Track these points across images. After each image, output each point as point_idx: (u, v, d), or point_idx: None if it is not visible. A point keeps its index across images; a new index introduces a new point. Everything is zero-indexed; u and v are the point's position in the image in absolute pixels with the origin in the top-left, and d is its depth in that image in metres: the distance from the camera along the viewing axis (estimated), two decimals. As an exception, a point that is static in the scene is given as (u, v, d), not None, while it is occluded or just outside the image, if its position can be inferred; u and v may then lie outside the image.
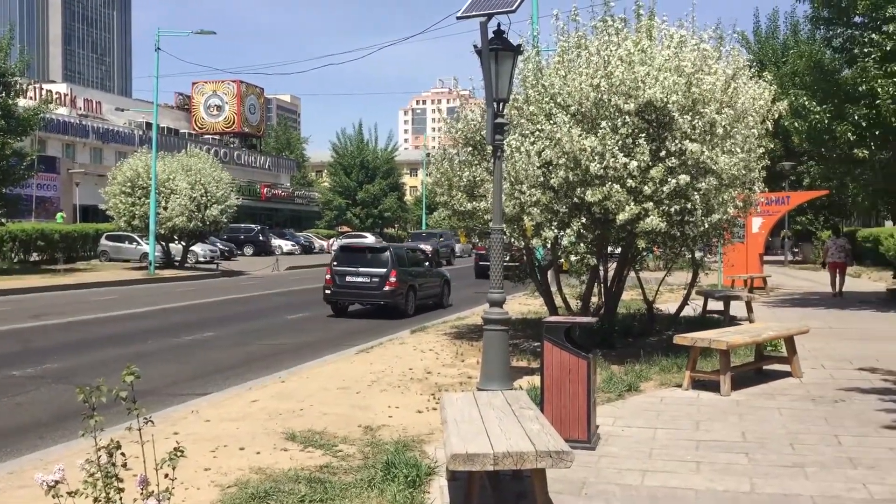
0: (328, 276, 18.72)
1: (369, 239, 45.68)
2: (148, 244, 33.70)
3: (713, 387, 8.87)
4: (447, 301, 21.11)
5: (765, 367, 10.07)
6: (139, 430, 3.91)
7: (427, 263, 21.58)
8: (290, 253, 53.55)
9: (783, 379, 9.65)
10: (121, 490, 3.84)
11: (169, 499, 3.99)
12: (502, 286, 8.31)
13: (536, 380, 7.85)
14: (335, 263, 18.89)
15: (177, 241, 35.84)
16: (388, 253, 18.87)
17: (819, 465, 6.09)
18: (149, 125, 52.83)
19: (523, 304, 19.08)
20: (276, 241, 54.75)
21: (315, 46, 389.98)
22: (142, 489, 3.91)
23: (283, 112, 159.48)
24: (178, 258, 36.39)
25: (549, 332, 6.73)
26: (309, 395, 8.93)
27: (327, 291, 18.66)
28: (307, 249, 57.81)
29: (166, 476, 3.88)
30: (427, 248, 32.49)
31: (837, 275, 22.07)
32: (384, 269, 18.22)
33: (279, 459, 6.33)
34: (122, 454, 3.87)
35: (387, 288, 18.13)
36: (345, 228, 71.87)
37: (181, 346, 13.42)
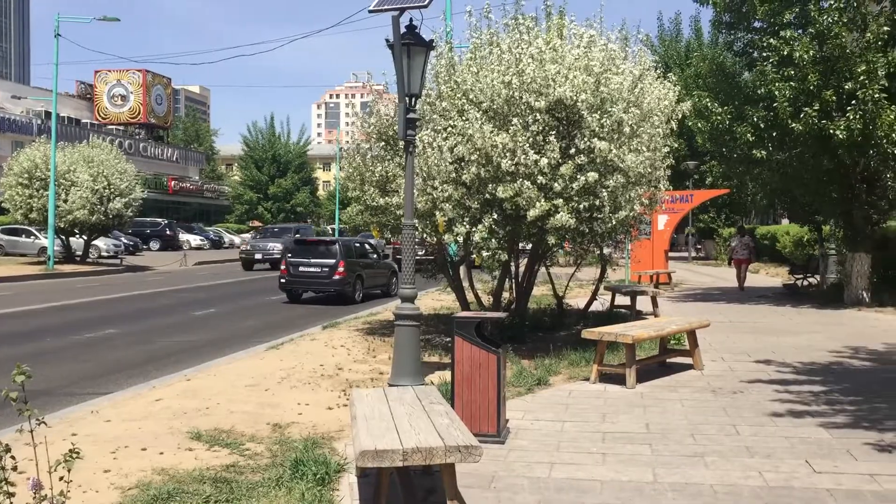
0: (283, 267, 20.57)
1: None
2: (46, 238, 32.34)
3: (619, 380, 9.08)
4: (394, 290, 21.52)
5: (668, 360, 10.38)
6: (31, 431, 3.73)
7: (375, 256, 23.25)
8: (198, 248, 52.37)
9: (686, 371, 9.97)
10: (11, 495, 3.66)
11: (64, 502, 3.83)
12: (414, 282, 8.29)
13: (448, 375, 7.87)
14: (290, 255, 20.68)
15: (78, 235, 34.51)
16: (337, 245, 20.90)
17: (718, 454, 6.30)
18: (48, 114, 50.75)
19: (436, 299, 19.13)
20: (184, 236, 53.43)
21: (226, 36, 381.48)
22: (34, 493, 3.74)
23: (191, 103, 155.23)
24: (79, 253, 35.05)
25: (460, 327, 6.76)
26: (216, 393, 8.72)
27: (282, 280, 20.51)
28: (217, 244, 56.63)
29: (61, 479, 3.72)
30: (277, 245, 32.98)
31: (738, 271, 23.24)
32: (333, 260, 20.12)
33: (183, 459, 6.16)
34: (13, 457, 3.69)
35: (336, 277, 20.03)
36: (256, 223, 70.66)
37: (80, 344, 12.92)
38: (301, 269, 20.28)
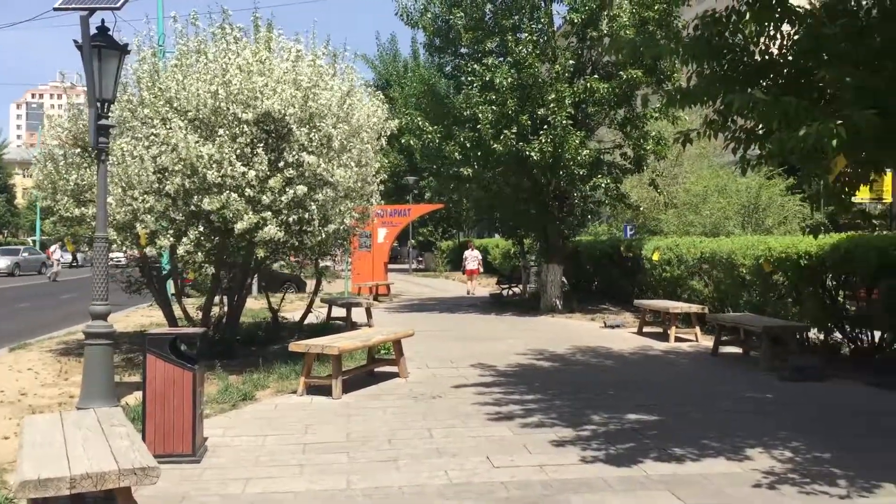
0: None
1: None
2: None
3: (328, 391, 9.20)
4: None
5: (376, 370, 10.69)
6: None
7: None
8: None
9: (392, 380, 10.33)
10: None
11: None
12: (107, 298, 7.81)
13: (143, 395, 7.49)
14: None
15: None
16: None
17: (411, 457, 6.61)
18: None
19: (146, 315, 18.15)
20: None
21: None
22: None
23: None
24: None
25: (152, 344, 6.48)
26: None
27: None
28: None
29: None
30: None
31: (470, 280, 26.36)
32: None
33: None
34: None
35: None
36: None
37: None
38: None
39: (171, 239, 10.12)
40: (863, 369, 10.57)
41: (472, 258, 26.77)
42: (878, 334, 11.17)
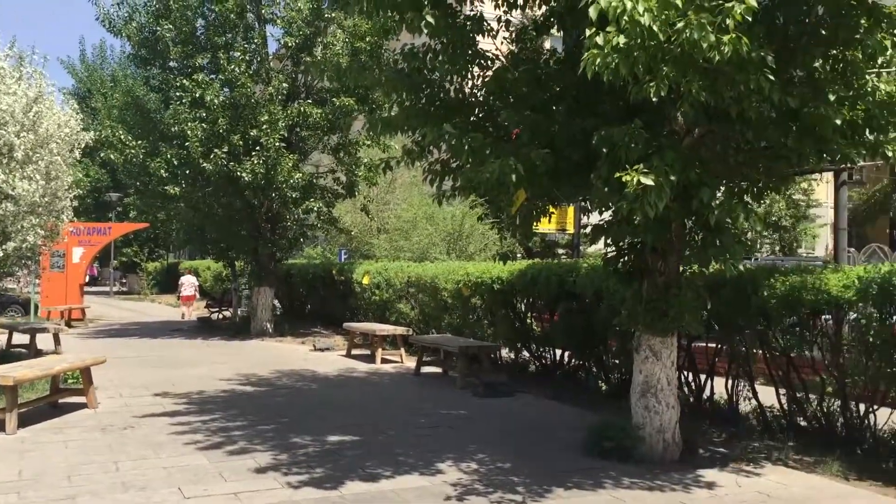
0: None
1: None
2: None
3: (1, 426, 8.28)
4: None
5: (62, 401, 9.80)
6: None
7: None
8: None
9: (79, 411, 9.53)
10: None
11: None
12: None
13: None
14: None
15: None
16: None
17: (91, 493, 6.14)
18: None
19: None
20: None
21: None
22: None
23: None
24: None
25: None
26: None
27: None
28: None
29: None
30: None
31: (186, 306, 24.98)
32: None
33: None
34: None
35: None
36: None
37: None
38: None
39: None
40: (546, 385, 11.60)
41: (189, 284, 25.44)
42: (558, 353, 12.32)
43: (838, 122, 6.21)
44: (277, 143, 16.72)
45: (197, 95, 16.76)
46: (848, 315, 7.72)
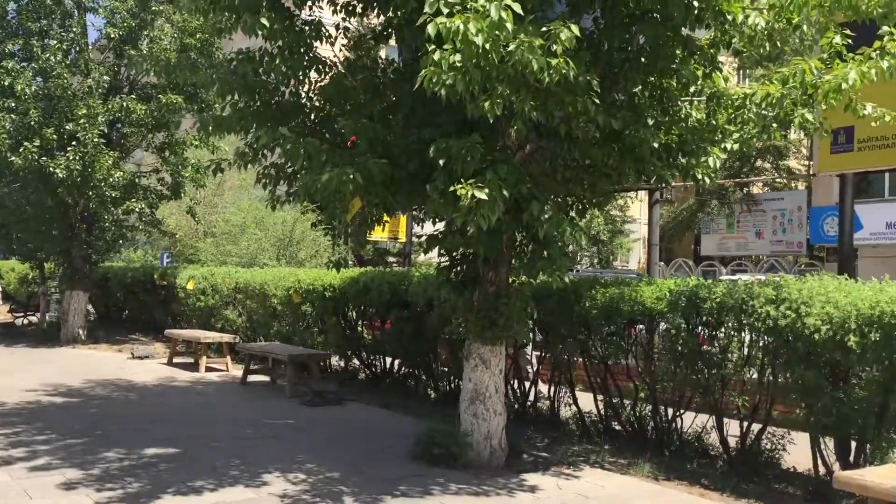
0: None
1: None
2: None
3: None
4: None
5: None
6: None
7: None
8: None
9: None
10: None
11: None
12: None
13: None
14: None
15: None
16: None
17: None
18: None
19: None
20: None
21: None
22: None
23: None
24: None
25: None
26: None
27: None
28: None
29: None
30: None
31: None
32: None
33: None
34: None
35: None
36: None
37: None
38: None
39: None
40: (376, 392, 11.62)
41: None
42: (388, 361, 12.37)
43: (655, 144, 6.66)
44: (96, 139, 15.75)
45: (6, 84, 15.50)
46: (659, 325, 8.27)
